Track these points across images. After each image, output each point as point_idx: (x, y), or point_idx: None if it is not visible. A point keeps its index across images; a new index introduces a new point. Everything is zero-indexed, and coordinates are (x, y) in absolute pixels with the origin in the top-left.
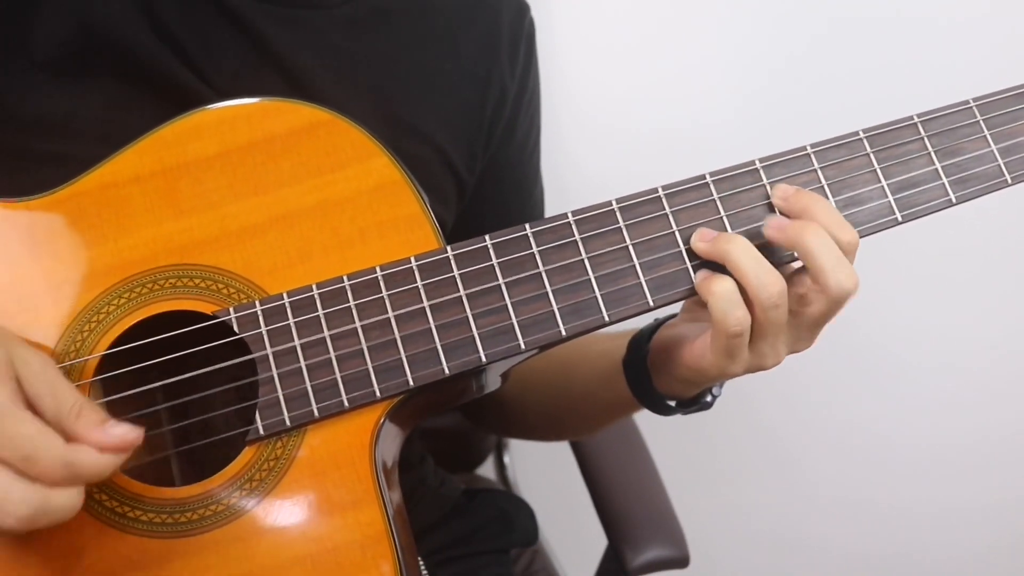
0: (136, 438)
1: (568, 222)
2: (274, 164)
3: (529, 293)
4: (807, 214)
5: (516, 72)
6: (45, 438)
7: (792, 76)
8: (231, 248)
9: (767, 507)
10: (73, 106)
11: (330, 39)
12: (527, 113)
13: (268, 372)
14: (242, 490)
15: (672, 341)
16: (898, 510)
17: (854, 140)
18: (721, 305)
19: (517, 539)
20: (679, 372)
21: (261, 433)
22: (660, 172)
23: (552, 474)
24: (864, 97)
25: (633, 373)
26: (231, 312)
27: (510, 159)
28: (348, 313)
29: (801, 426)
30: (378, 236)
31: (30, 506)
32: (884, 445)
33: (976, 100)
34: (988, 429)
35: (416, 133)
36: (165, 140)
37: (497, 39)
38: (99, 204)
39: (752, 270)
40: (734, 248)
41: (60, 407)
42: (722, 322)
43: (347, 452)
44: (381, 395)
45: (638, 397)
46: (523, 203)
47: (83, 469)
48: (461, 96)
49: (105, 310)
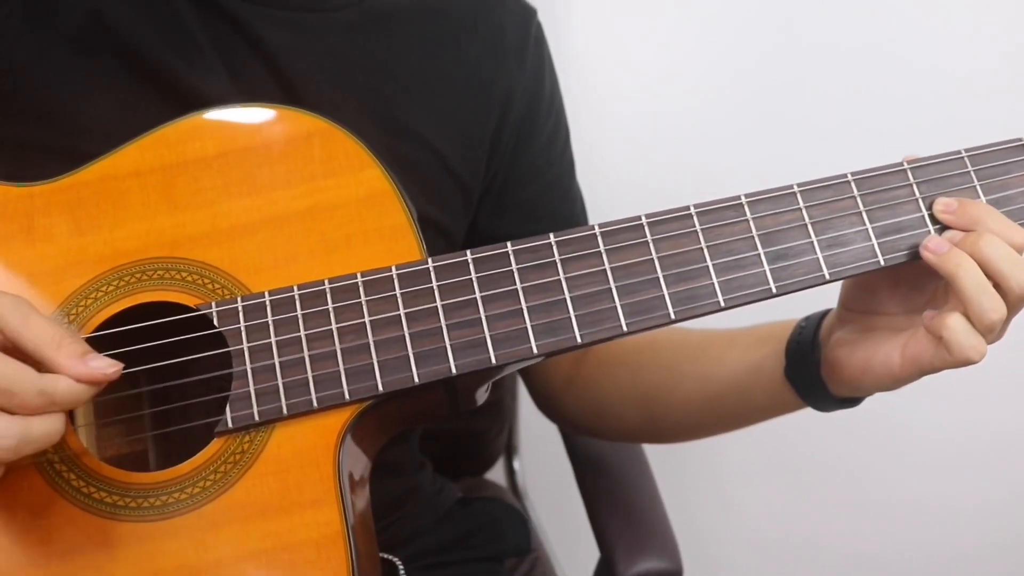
0: (114, 373)
1: (549, 243)
2: (269, 168)
3: (504, 308)
4: (978, 224)
5: (526, 76)
6: (18, 371)
7: (807, 84)
8: (220, 245)
9: (766, 512)
10: (82, 102)
11: (329, 43)
12: (548, 115)
13: (242, 366)
14: (206, 480)
15: (856, 357)
16: (900, 509)
17: (842, 182)
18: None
19: (508, 548)
20: (867, 383)
21: (230, 426)
22: (675, 177)
23: (563, 480)
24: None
25: (803, 384)
26: (213, 306)
27: (536, 161)
28: (325, 315)
29: (801, 427)
30: (363, 243)
31: (12, 436)
32: (884, 445)
33: (968, 151)
34: (998, 423)
35: (414, 137)
36: (167, 139)
37: (501, 44)
38: (98, 195)
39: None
40: (987, 243)
41: (38, 340)
42: (979, 312)
43: (312, 452)
44: (350, 398)
45: (808, 400)
46: (556, 205)
47: (58, 396)
48: (463, 101)
49: (94, 295)
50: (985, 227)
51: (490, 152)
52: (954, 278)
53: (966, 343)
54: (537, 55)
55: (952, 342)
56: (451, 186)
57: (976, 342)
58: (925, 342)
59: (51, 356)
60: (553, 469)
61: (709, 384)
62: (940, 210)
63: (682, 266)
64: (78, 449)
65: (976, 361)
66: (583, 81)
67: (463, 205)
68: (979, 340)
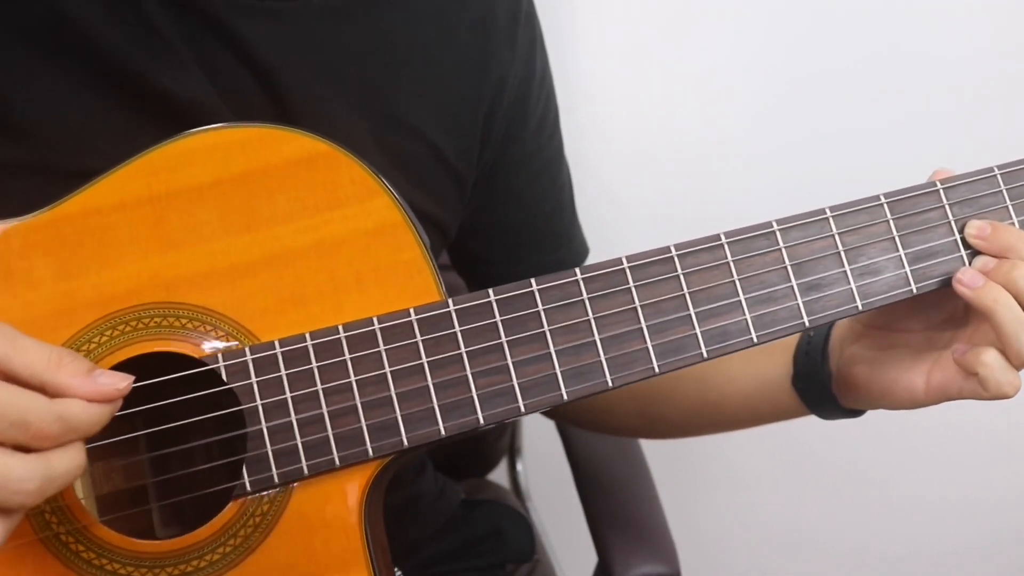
0: (127, 387)
1: (576, 280)
2: (268, 198)
3: (532, 353)
4: (1011, 252)
5: (517, 55)
6: (29, 399)
7: (820, 89)
8: (221, 287)
9: (766, 515)
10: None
11: (309, 32)
12: (539, 96)
13: (257, 425)
14: (226, 547)
15: (877, 380)
16: (906, 508)
17: (875, 205)
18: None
19: (511, 555)
20: (884, 404)
21: (248, 489)
22: (681, 184)
23: (566, 482)
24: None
25: (813, 396)
26: (220, 359)
27: (525, 147)
28: (343, 367)
29: (800, 428)
30: (375, 282)
31: (35, 478)
32: (887, 445)
33: (1001, 168)
34: (1010, 420)
35: (406, 128)
36: (153, 165)
37: (492, 22)
38: (81, 232)
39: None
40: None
41: (35, 363)
42: (1017, 349)
43: (337, 511)
44: (374, 455)
45: (816, 411)
46: (544, 192)
47: (76, 420)
48: (454, 85)
49: (85, 348)
50: (1018, 255)
51: (483, 139)
52: (991, 314)
53: (1003, 379)
54: (529, 32)
55: (989, 379)
56: (445, 178)
57: (1012, 378)
58: (952, 372)
59: (52, 378)
60: (556, 471)
61: (710, 389)
62: (972, 235)
63: (714, 301)
64: (85, 520)
65: (1012, 396)
66: (587, 90)
67: (458, 197)
68: (1015, 376)
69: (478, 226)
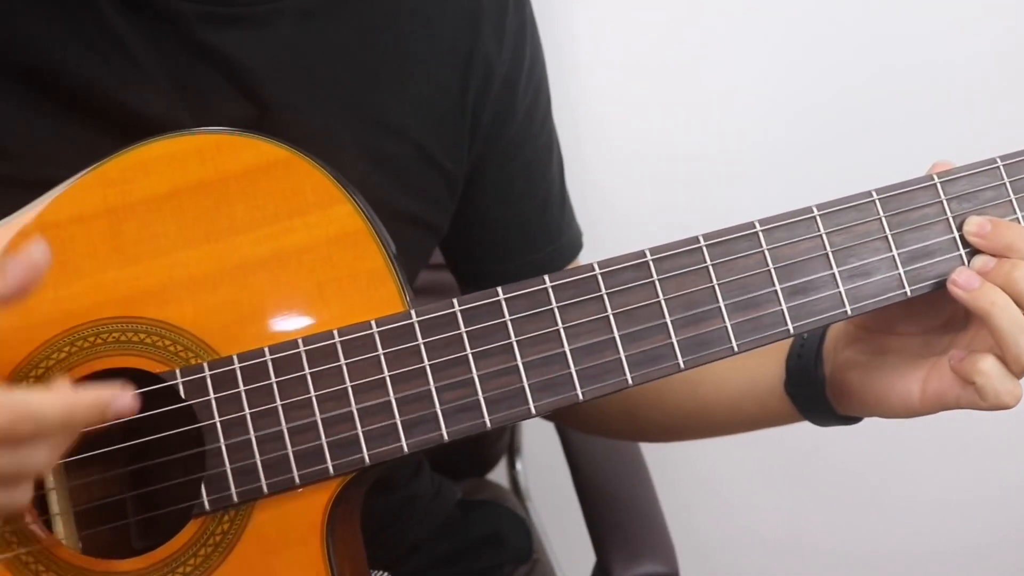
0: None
1: (545, 288)
2: (227, 208)
3: (499, 365)
4: (1012, 251)
5: (505, 46)
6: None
7: (818, 94)
8: (180, 301)
9: (764, 515)
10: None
11: (283, 35)
12: (527, 89)
13: (215, 443)
14: (186, 566)
15: (871, 388)
16: (904, 508)
17: (866, 202)
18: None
19: (508, 556)
20: (879, 412)
21: (206, 508)
22: (679, 190)
23: (566, 481)
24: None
25: (806, 401)
26: (178, 375)
27: (513, 141)
28: (303, 382)
29: (798, 429)
30: (337, 292)
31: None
32: (885, 445)
33: (1004, 159)
34: (1007, 418)
35: (389, 130)
36: (109, 176)
37: (477, 12)
38: None
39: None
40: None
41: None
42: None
43: (298, 530)
44: (335, 472)
45: (809, 417)
46: (534, 185)
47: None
48: (438, 80)
49: (44, 364)
50: (1020, 254)
51: (471, 133)
52: (989, 317)
53: (1002, 388)
54: (518, 20)
55: (987, 388)
56: (433, 177)
57: (1012, 386)
58: (949, 380)
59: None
60: (555, 470)
61: (698, 394)
62: (971, 232)
63: (692, 308)
64: (48, 541)
65: (1012, 406)
66: (585, 97)
67: (448, 195)
68: (1015, 384)
69: (466, 221)
